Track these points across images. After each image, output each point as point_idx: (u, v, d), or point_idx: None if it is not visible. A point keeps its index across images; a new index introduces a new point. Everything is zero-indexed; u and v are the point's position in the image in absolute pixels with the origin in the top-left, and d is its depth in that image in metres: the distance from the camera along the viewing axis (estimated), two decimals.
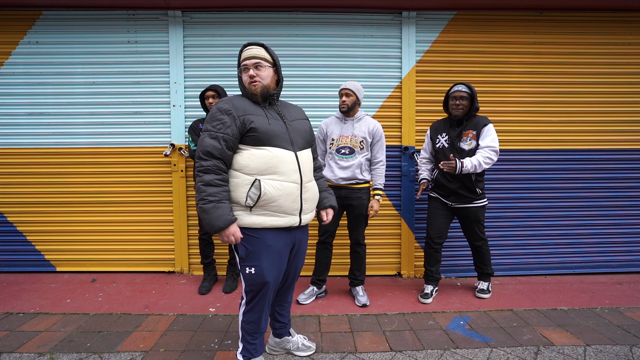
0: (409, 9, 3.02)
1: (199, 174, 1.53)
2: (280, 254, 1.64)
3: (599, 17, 3.13)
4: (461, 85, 2.50)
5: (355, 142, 2.51)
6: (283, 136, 1.62)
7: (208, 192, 1.50)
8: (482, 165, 2.42)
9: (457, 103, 2.49)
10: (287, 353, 1.98)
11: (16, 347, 2.01)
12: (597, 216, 3.23)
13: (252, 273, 1.59)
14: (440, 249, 2.69)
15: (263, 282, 1.60)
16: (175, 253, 3.17)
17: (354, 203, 2.53)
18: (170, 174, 3.13)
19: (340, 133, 2.54)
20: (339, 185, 2.52)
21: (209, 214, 1.48)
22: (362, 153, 2.52)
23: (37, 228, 3.16)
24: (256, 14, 3.07)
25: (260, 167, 1.56)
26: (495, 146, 2.45)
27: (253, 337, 1.70)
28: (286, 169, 1.59)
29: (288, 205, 1.60)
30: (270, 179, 1.56)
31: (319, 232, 2.63)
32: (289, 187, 1.59)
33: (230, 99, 1.61)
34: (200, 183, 1.52)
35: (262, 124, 1.58)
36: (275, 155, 1.58)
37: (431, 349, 2.02)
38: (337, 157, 2.52)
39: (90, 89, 3.10)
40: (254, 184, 1.54)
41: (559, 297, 2.73)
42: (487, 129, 2.49)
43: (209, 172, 1.52)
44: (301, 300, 2.59)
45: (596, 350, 2.00)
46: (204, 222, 1.51)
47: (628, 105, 3.19)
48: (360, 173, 2.52)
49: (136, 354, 1.95)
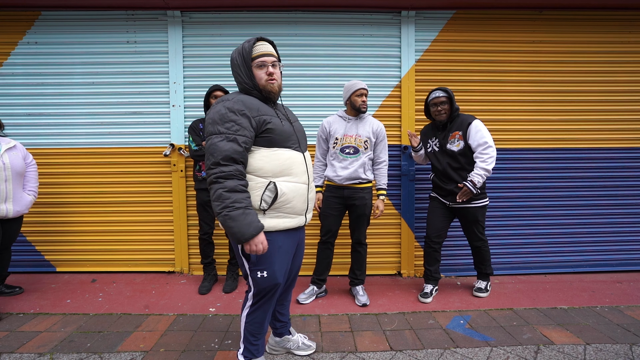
0: (408, 8, 3.02)
1: (219, 180, 1.41)
2: (289, 254, 1.64)
3: (599, 16, 3.13)
4: (438, 91, 2.54)
5: (360, 141, 2.49)
6: (293, 137, 1.60)
7: (234, 198, 1.40)
8: (487, 168, 2.40)
9: (439, 109, 2.53)
10: (288, 352, 1.98)
11: (16, 348, 2.01)
12: (596, 215, 3.23)
13: (265, 277, 1.56)
14: (439, 248, 2.69)
15: (275, 284, 1.59)
16: (175, 253, 3.17)
17: (356, 203, 2.51)
18: (170, 174, 3.13)
19: (344, 132, 2.51)
20: (342, 185, 2.51)
21: (238, 221, 1.39)
22: (366, 153, 2.51)
23: (37, 228, 3.16)
24: (255, 14, 3.07)
25: (276, 170, 1.52)
26: (487, 141, 2.41)
27: (256, 337, 1.68)
28: (298, 170, 1.58)
29: (300, 206, 1.60)
30: (285, 181, 1.54)
31: (322, 232, 2.63)
32: (301, 188, 1.59)
33: (238, 97, 1.50)
34: (222, 190, 1.40)
35: (277, 124, 1.54)
36: (289, 156, 1.55)
37: (431, 348, 2.02)
38: (342, 157, 2.50)
39: (89, 89, 3.10)
40: (269, 186, 1.50)
41: (558, 296, 2.73)
42: (473, 127, 2.46)
43: (231, 177, 1.42)
44: (301, 299, 2.59)
45: (596, 349, 2.00)
46: (231, 231, 1.41)
47: (628, 105, 3.19)
48: (364, 172, 2.51)
49: (136, 354, 1.95)
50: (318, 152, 2.65)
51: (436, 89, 2.57)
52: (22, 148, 2.67)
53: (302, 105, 3.09)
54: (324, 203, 2.60)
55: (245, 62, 1.54)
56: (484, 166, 2.40)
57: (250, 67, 1.54)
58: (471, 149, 2.48)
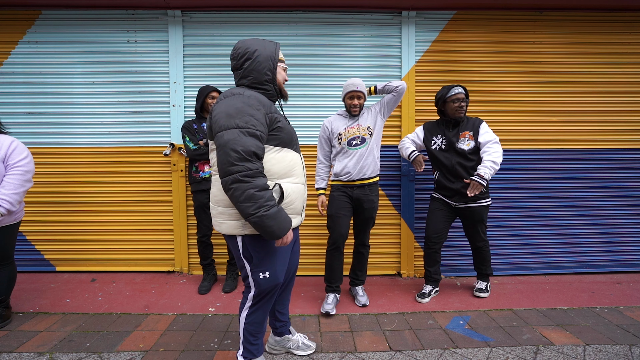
0: (409, 8, 3.02)
1: (247, 179, 1.34)
2: (288, 253, 1.66)
3: (599, 16, 3.13)
4: (459, 87, 2.52)
5: (364, 130, 2.44)
6: (295, 138, 1.62)
7: (266, 197, 1.37)
8: (496, 161, 2.39)
9: (461, 105, 2.50)
10: (287, 352, 1.98)
11: (16, 347, 2.01)
12: (596, 216, 3.23)
13: (267, 277, 1.56)
14: (439, 249, 2.68)
15: (276, 284, 1.60)
16: (174, 253, 3.17)
17: (365, 205, 2.46)
18: (170, 173, 3.13)
19: (347, 125, 2.46)
20: (352, 183, 2.44)
21: (277, 219, 1.38)
22: (372, 140, 2.45)
23: (37, 228, 3.16)
24: (256, 14, 3.07)
25: (281, 171, 1.51)
26: (496, 137, 2.49)
27: (255, 337, 1.68)
28: (299, 171, 1.60)
29: (299, 206, 1.61)
30: (289, 182, 1.54)
31: (332, 237, 2.47)
32: (300, 189, 1.61)
33: (249, 92, 1.46)
34: (254, 189, 1.34)
35: (285, 124, 1.55)
36: (292, 158, 1.57)
37: (431, 348, 2.02)
38: (351, 150, 2.42)
39: (89, 89, 3.10)
40: (274, 188, 1.47)
41: (558, 297, 2.73)
42: (483, 126, 2.53)
43: (258, 175, 1.36)
44: (329, 310, 2.41)
45: (595, 350, 2.00)
46: (270, 230, 1.38)
47: (628, 105, 3.19)
48: (374, 161, 2.46)
49: (136, 354, 1.95)
50: (320, 154, 2.58)
51: (453, 85, 2.53)
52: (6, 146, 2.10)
53: (302, 105, 3.09)
54: (334, 204, 2.48)
55: (272, 58, 1.53)
56: (492, 159, 2.40)
57: (277, 64, 1.56)
58: (479, 148, 2.51)
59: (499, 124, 3.12)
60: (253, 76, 1.52)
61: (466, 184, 2.49)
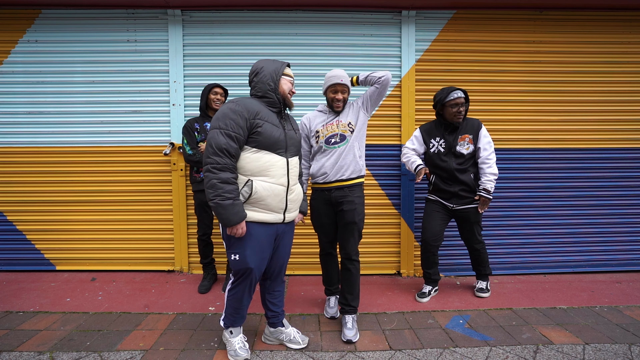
0: (409, 7, 3.02)
1: (214, 171, 1.63)
2: (262, 243, 1.79)
3: (599, 16, 3.13)
4: (459, 91, 2.47)
5: (344, 126, 2.18)
6: (281, 144, 1.79)
7: (226, 189, 1.63)
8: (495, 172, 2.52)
9: (460, 110, 2.47)
10: (281, 344, 2.03)
11: (16, 346, 2.01)
12: (596, 215, 3.23)
13: (237, 259, 1.76)
14: (436, 251, 2.67)
15: (246, 268, 1.77)
16: (174, 252, 3.17)
17: (344, 208, 2.16)
18: (170, 173, 3.13)
19: (325, 122, 2.23)
20: (329, 185, 2.19)
21: (227, 210, 1.63)
22: (353, 137, 2.19)
23: (37, 227, 3.16)
24: (256, 13, 3.07)
25: (254, 170, 1.73)
26: (492, 144, 2.54)
27: (235, 311, 1.88)
28: (276, 172, 1.77)
29: (275, 205, 1.79)
30: (262, 180, 1.74)
31: (320, 244, 2.39)
32: (277, 189, 1.78)
33: (243, 100, 1.73)
34: (216, 180, 1.63)
35: (267, 129, 1.73)
36: (269, 160, 1.75)
37: (430, 347, 2.02)
38: (329, 149, 2.17)
39: (89, 88, 3.10)
40: (247, 183, 1.71)
41: (558, 296, 2.74)
42: (483, 131, 2.55)
43: (225, 169, 1.64)
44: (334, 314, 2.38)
45: (595, 349, 2.01)
46: (220, 217, 1.64)
47: (628, 105, 3.19)
48: (354, 160, 2.18)
49: (136, 353, 1.95)
50: (303, 154, 2.30)
51: (453, 88, 2.47)
52: None
53: (301, 105, 3.08)
54: (313, 213, 2.31)
55: (276, 71, 1.79)
56: (492, 171, 2.49)
57: (280, 76, 1.79)
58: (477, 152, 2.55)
59: (499, 123, 3.13)
60: (259, 87, 1.79)
61: (463, 188, 2.53)
